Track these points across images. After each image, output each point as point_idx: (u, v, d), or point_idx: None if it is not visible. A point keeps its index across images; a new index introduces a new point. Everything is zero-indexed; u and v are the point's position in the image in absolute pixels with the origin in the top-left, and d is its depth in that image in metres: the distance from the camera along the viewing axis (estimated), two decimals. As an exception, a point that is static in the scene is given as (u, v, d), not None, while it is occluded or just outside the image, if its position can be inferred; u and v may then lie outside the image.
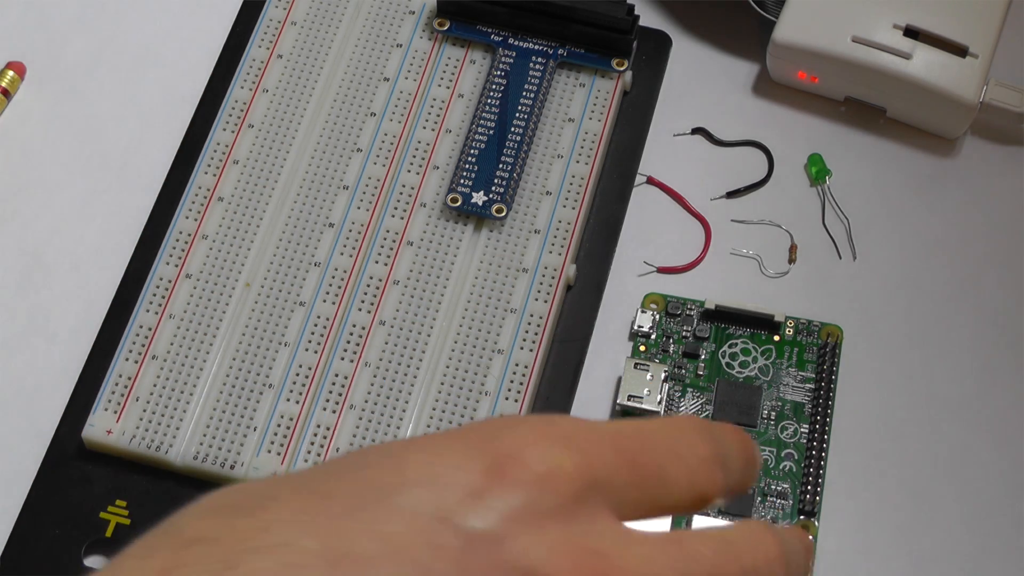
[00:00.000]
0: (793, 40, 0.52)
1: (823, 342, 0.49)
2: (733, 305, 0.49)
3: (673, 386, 0.48)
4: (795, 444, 0.48)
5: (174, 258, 0.50)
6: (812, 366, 0.49)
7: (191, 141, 0.53)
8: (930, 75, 0.51)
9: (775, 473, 0.47)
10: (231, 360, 0.48)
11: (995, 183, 0.53)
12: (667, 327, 0.49)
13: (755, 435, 0.47)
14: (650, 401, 0.47)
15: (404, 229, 0.50)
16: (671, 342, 0.49)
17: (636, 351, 0.49)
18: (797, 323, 0.49)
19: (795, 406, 0.48)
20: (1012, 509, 0.47)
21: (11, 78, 0.54)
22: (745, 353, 0.49)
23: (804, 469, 0.47)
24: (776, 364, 0.49)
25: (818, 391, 0.48)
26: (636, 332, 0.49)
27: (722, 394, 0.48)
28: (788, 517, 0.46)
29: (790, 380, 0.48)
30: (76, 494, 0.46)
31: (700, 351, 0.49)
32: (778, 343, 0.49)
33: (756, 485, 0.46)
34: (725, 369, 0.48)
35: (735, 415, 0.47)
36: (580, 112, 0.52)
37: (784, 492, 0.47)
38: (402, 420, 0.47)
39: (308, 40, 0.54)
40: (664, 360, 0.48)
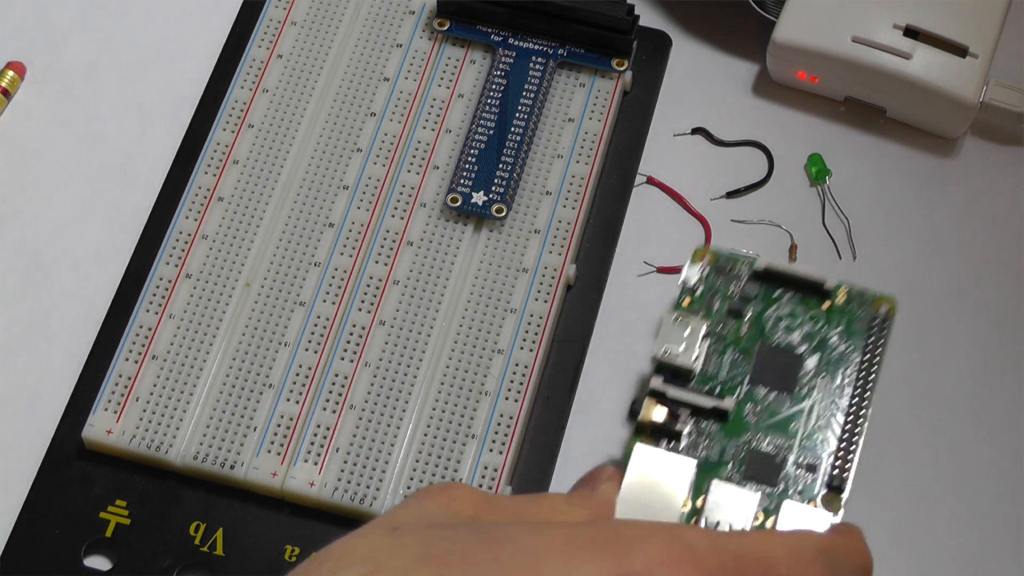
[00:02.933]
0: (793, 40, 0.52)
1: (874, 314, 0.46)
2: (784, 268, 0.47)
3: (714, 343, 0.46)
4: (832, 416, 0.45)
5: (174, 258, 0.50)
6: (860, 337, 0.46)
7: (191, 141, 0.53)
8: (930, 75, 0.52)
9: (807, 444, 0.45)
10: (231, 360, 0.48)
11: (995, 183, 0.53)
12: (714, 283, 0.47)
13: (791, 401, 0.46)
14: (685, 357, 0.45)
15: (404, 229, 0.50)
16: (717, 298, 0.47)
17: (679, 305, 0.47)
18: (850, 290, 0.47)
19: (837, 375, 0.46)
20: (1012, 509, 0.47)
21: (11, 78, 0.54)
22: (792, 316, 0.47)
23: (839, 442, 0.45)
24: (822, 332, 0.47)
25: (863, 364, 0.46)
26: (683, 286, 0.47)
27: (763, 358, 0.46)
28: (815, 491, 0.44)
29: (835, 350, 0.46)
30: (76, 494, 0.46)
31: (745, 310, 0.46)
32: (828, 310, 0.47)
33: (787, 454, 0.44)
34: (768, 332, 0.46)
35: (773, 380, 0.45)
36: (580, 112, 0.52)
37: (814, 465, 0.45)
38: (402, 420, 0.47)
39: (308, 40, 0.54)
40: (709, 315, 0.46)
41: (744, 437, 0.44)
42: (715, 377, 0.45)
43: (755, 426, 0.45)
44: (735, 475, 0.44)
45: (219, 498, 0.46)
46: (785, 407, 0.45)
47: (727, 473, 0.44)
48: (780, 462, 0.45)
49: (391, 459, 0.46)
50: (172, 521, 0.46)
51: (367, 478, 0.46)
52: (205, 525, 0.46)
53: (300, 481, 0.46)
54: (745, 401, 0.45)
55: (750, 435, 0.45)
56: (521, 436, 0.47)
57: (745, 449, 0.44)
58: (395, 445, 0.46)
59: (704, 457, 0.44)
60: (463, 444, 0.46)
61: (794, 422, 0.45)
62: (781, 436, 0.44)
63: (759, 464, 0.44)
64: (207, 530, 0.46)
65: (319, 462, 0.46)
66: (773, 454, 0.44)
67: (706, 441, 0.44)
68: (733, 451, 0.44)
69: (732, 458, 0.44)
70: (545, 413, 0.48)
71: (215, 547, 0.46)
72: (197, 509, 0.46)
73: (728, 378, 0.45)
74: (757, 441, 0.44)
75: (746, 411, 0.45)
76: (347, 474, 0.46)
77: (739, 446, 0.44)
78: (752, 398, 0.45)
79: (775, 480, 0.45)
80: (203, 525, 0.46)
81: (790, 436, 0.44)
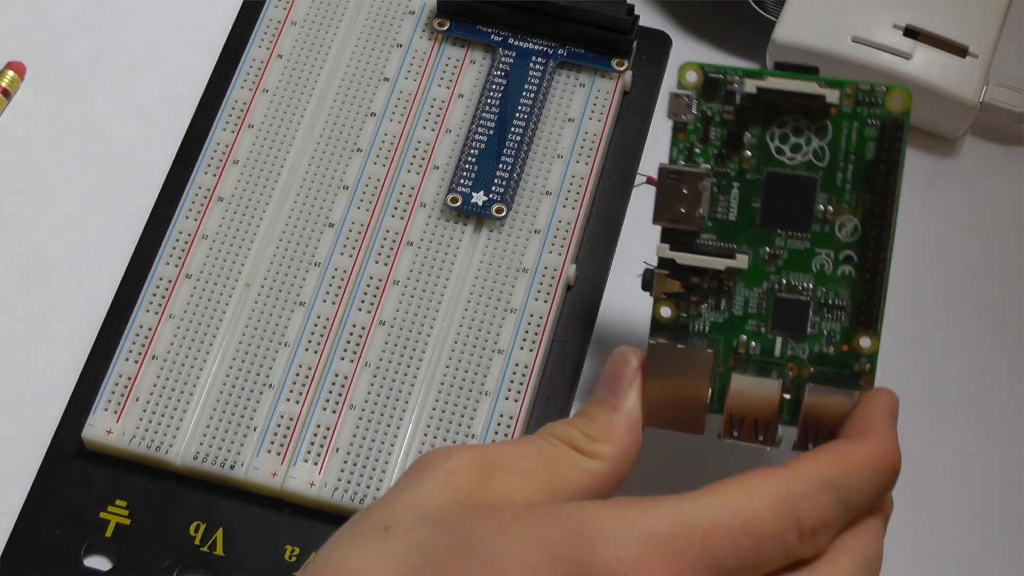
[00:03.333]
0: (793, 40, 0.52)
1: (886, 113, 0.41)
2: (779, 86, 0.41)
3: (717, 185, 0.42)
4: (854, 244, 0.42)
5: (174, 258, 0.50)
6: (873, 144, 0.41)
7: (191, 141, 0.53)
8: (930, 75, 0.52)
9: (832, 280, 0.42)
10: (231, 360, 0.48)
11: (995, 183, 0.53)
12: (707, 108, 0.42)
13: (808, 234, 0.42)
14: (688, 220, 0.41)
15: (404, 229, 0.50)
16: (712, 126, 0.42)
17: (675, 140, 0.43)
18: (857, 90, 0.41)
19: (854, 197, 0.42)
20: (1013, 510, 0.47)
21: (11, 78, 0.54)
22: (796, 133, 0.42)
23: (863, 274, 0.42)
24: (834, 146, 0.42)
25: (881, 175, 0.42)
26: (673, 117, 0.42)
27: (772, 188, 0.42)
28: (847, 332, 0.42)
29: (848, 165, 0.42)
30: (76, 494, 0.46)
31: (745, 135, 0.42)
32: (835, 117, 0.42)
33: (812, 297, 0.42)
34: (775, 155, 0.42)
35: (787, 212, 0.42)
36: (580, 112, 0.52)
37: (843, 305, 0.42)
38: (402, 420, 0.47)
39: (308, 40, 0.54)
40: (705, 152, 0.42)
41: (765, 284, 0.42)
42: (724, 222, 0.42)
43: (776, 271, 0.42)
44: (761, 328, 0.42)
45: (219, 498, 0.46)
46: (802, 242, 0.42)
47: (753, 327, 0.42)
48: (806, 305, 0.42)
49: (391, 459, 0.46)
50: (172, 521, 0.46)
51: (367, 478, 0.46)
52: (205, 525, 0.46)
53: (300, 481, 0.46)
54: (760, 244, 0.42)
55: (771, 281, 0.42)
56: (522, 436, 0.47)
57: (768, 298, 0.42)
58: (395, 445, 0.46)
59: (728, 315, 0.42)
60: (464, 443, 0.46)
61: (815, 257, 0.42)
62: (803, 276, 0.42)
63: (784, 311, 0.42)
64: (207, 530, 0.46)
65: (319, 462, 0.46)
66: (797, 298, 0.42)
67: (725, 298, 0.42)
68: (755, 301, 0.42)
69: (756, 309, 0.42)
70: (545, 413, 0.48)
71: (215, 547, 0.46)
72: (197, 509, 0.46)
73: (738, 221, 0.42)
74: (779, 286, 0.42)
75: (763, 254, 0.42)
76: (347, 474, 0.46)
77: (761, 295, 0.42)
78: (767, 239, 0.42)
79: (804, 327, 0.42)
80: (203, 525, 0.46)
81: (812, 274, 0.42)
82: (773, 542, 0.36)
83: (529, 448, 0.39)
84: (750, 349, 0.43)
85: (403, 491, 0.37)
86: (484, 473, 0.37)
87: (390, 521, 0.36)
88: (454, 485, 0.37)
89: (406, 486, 0.37)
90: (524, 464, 0.38)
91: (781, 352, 0.43)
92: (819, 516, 0.37)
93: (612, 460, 0.39)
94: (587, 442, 0.39)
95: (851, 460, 0.38)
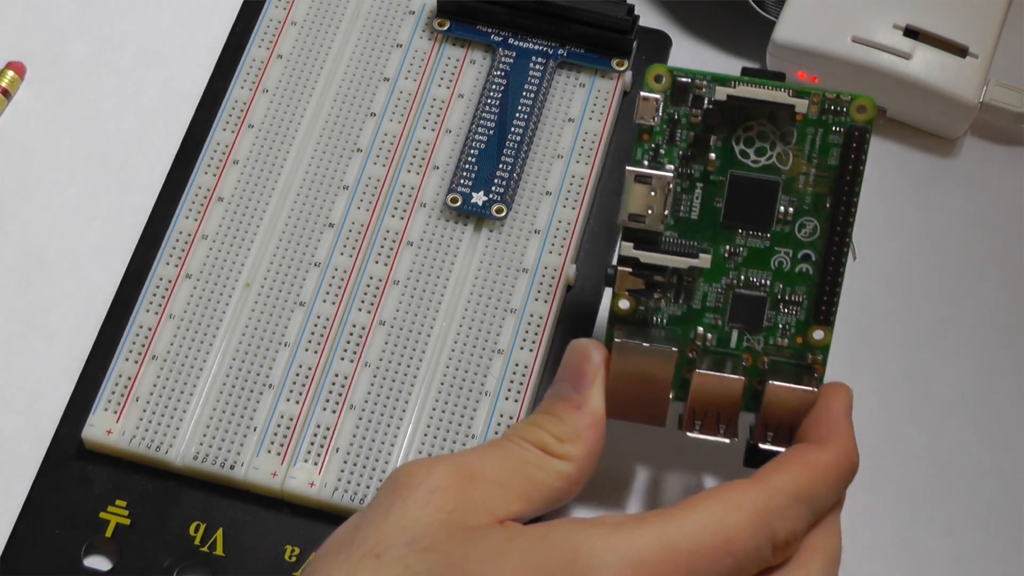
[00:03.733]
0: (793, 40, 0.52)
1: (852, 121, 0.43)
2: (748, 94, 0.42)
3: (681, 185, 0.43)
4: (813, 244, 0.43)
5: (174, 258, 0.50)
6: (837, 150, 0.43)
7: (191, 141, 0.53)
8: (930, 75, 0.52)
9: (790, 277, 0.43)
10: (231, 360, 0.48)
11: (995, 183, 0.53)
12: (674, 112, 0.43)
13: (768, 233, 0.43)
14: (653, 220, 0.42)
15: (404, 229, 0.50)
16: (679, 129, 0.43)
17: (640, 147, 0.43)
18: (823, 99, 0.43)
19: (815, 199, 0.43)
20: (1012, 509, 0.47)
21: (11, 78, 0.54)
22: (762, 138, 0.43)
23: (822, 271, 0.43)
24: (797, 151, 0.43)
25: (843, 180, 0.43)
26: (640, 120, 0.43)
27: (736, 190, 0.43)
28: (802, 326, 0.44)
29: (812, 169, 0.43)
30: (76, 494, 0.46)
31: (711, 138, 0.43)
32: (800, 124, 0.43)
33: (769, 292, 0.43)
34: (739, 158, 0.43)
35: (749, 212, 0.43)
36: (580, 112, 0.52)
37: (799, 300, 0.43)
38: (402, 420, 0.47)
39: (308, 40, 0.54)
40: (670, 153, 0.43)
41: (724, 280, 0.43)
42: (687, 221, 0.43)
43: (735, 267, 0.43)
44: (719, 321, 0.44)
45: (219, 498, 0.46)
46: (763, 241, 0.43)
47: (711, 319, 0.44)
48: (763, 300, 0.44)
49: (391, 459, 0.46)
50: (172, 521, 0.46)
51: (367, 478, 0.46)
52: (205, 525, 0.46)
53: (300, 481, 0.46)
54: (721, 242, 0.43)
55: (730, 277, 0.43)
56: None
57: (727, 293, 0.43)
58: (395, 445, 0.46)
59: (686, 308, 0.44)
60: (463, 444, 0.46)
61: (774, 255, 0.43)
62: (762, 273, 0.43)
63: (742, 306, 0.43)
64: (207, 530, 0.46)
65: (319, 462, 0.46)
66: (755, 294, 0.43)
67: (684, 293, 0.44)
68: (714, 296, 0.44)
69: (715, 303, 0.44)
70: (545, 413, 0.48)
71: (215, 547, 0.46)
72: (197, 509, 0.46)
73: (700, 219, 0.43)
74: (738, 282, 0.44)
75: (724, 251, 0.43)
76: (347, 474, 0.46)
77: (720, 291, 0.43)
78: (727, 237, 0.43)
79: (760, 320, 0.44)
80: (203, 525, 0.46)
81: (771, 271, 0.43)
82: (750, 557, 0.38)
83: (502, 454, 0.40)
84: (707, 341, 0.44)
85: (388, 512, 0.37)
86: (464, 486, 0.38)
87: (380, 548, 0.36)
88: (438, 504, 0.37)
89: (390, 507, 0.38)
90: (500, 472, 0.39)
91: (737, 344, 0.44)
92: (792, 529, 0.38)
93: (581, 460, 0.41)
94: (556, 444, 0.41)
95: (818, 469, 0.40)
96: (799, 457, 0.40)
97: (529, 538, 0.37)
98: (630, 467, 0.47)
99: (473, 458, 0.39)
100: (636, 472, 0.47)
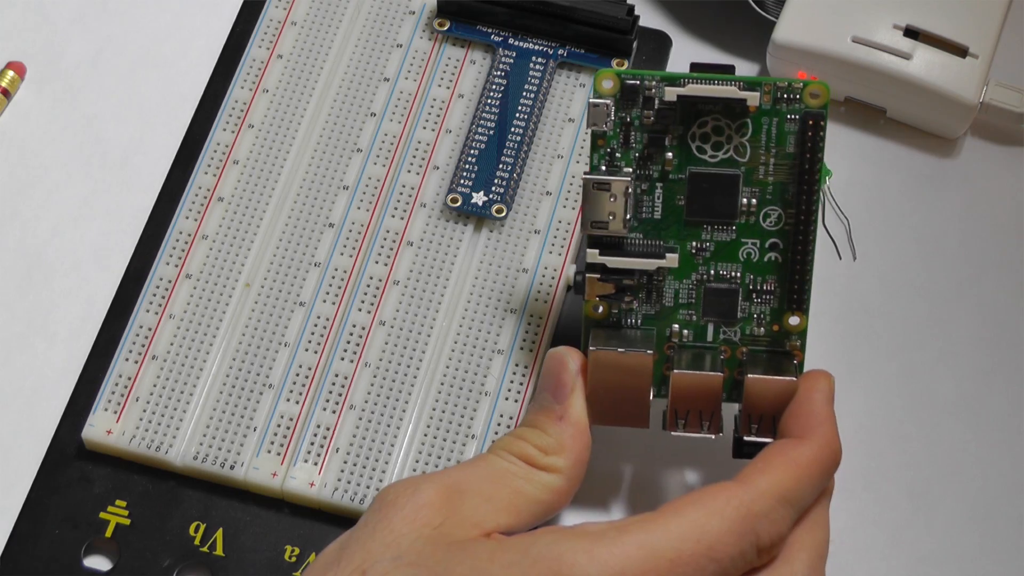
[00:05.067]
0: (793, 40, 0.52)
1: (806, 107, 0.42)
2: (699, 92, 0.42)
3: (640, 187, 0.43)
4: (779, 232, 0.43)
5: (174, 258, 0.50)
6: (794, 137, 0.43)
7: (191, 141, 0.53)
8: (930, 75, 0.52)
9: (760, 268, 0.44)
10: (231, 360, 0.48)
11: (995, 183, 0.53)
12: (625, 115, 0.43)
13: (733, 225, 0.43)
14: (616, 225, 0.42)
15: (404, 229, 0.50)
16: (633, 131, 0.43)
17: (595, 155, 0.43)
18: (775, 87, 0.42)
19: (777, 188, 0.43)
20: (1013, 510, 0.47)
21: (11, 78, 0.54)
22: (717, 132, 0.43)
23: (791, 259, 0.43)
24: (754, 142, 0.43)
25: (803, 166, 0.42)
26: (592, 126, 0.43)
27: (696, 185, 0.43)
28: (776, 314, 0.44)
29: (770, 157, 0.43)
30: (76, 494, 0.46)
31: (665, 137, 0.43)
32: (754, 115, 0.43)
33: (741, 284, 0.43)
34: (696, 155, 0.43)
35: (711, 206, 0.43)
36: (580, 112, 0.52)
37: (771, 289, 0.44)
38: (402, 420, 0.47)
39: (308, 40, 0.54)
40: (626, 156, 0.43)
41: (694, 276, 0.44)
42: (651, 220, 0.43)
43: (704, 262, 0.44)
44: (693, 316, 0.44)
45: (219, 498, 0.46)
46: (728, 233, 0.43)
47: (684, 316, 0.44)
48: (735, 292, 0.44)
49: (391, 459, 0.46)
50: (172, 521, 0.46)
51: (367, 478, 0.46)
52: (205, 525, 0.46)
53: (300, 481, 0.46)
54: (687, 239, 0.43)
55: (700, 272, 0.44)
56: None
57: (698, 288, 0.44)
58: (395, 445, 0.46)
59: (660, 307, 0.44)
60: (463, 444, 0.46)
61: (741, 247, 0.43)
62: (731, 265, 0.44)
63: (714, 299, 0.44)
64: (207, 530, 0.46)
65: (319, 462, 0.46)
66: (726, 286, 0.44)
67: (655, 293, 0.44)
68: (686, 292, 0.44)
69: (687, 299, 0.44)
70: (545, 413, 0.48)
71: (215, 547, 0.46)
72: (197, 509, 0.46)
73: (664, 218, 0.43)
74: (708, 276, 0.44)
75: (690, 248, 0.43)
76: (347, 474, 0.46)
77: (691, 286, 0.44)
78: (693, 234, 0.43)
79: (734, 312, 0.44)
80: (203, 525, 0.46)
81: (740, 263, 0.43)
82: (734, 562, 0.38)
83: (489, 469, 0.40)
84: (683, 337, 0.44)
85: (375, 530, 0.38)
86: (450, 502, 0.38)
87: (366, 564, 0.37)
88: (424, 520, 0.38)
89: (377, 525, 0.38)
90: (486, 487, 0.39)
91: (714, 337, 0.44)
92: (777, 532, 0.39)
93: (567, 471, 0.41)
94: (541, 456, 0.41)
95: (801, 467, 0.40)
96: (781, 455, 0.40)
97: (512, 550, 0.37)
98: (618, 466, 0.47)
99: (459, 474, 0.39)
100: (624, 471, 0.47)
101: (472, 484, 0.39)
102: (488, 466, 0.40)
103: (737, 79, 0.42)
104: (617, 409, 0.43)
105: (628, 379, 0.43)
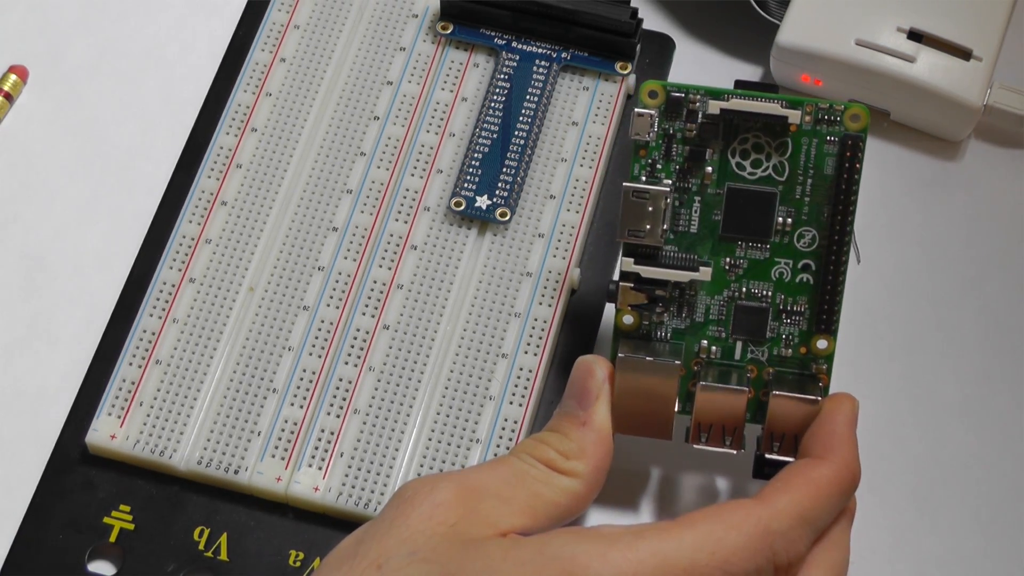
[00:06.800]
0: (797, 43, 0.52)
1: (845, 130, 0.43)
2: (741, 106, 0.43)
3: (679, 199, 0.43)
4: (812, 253, 0.44)
5: (177, 262, 0.50)
6: (832, 160, 0.43)
7: (194, 145, 0.53)
8: (934, 78, 0.51)
9: (791, 288, 0.44)
10: (235, 365, 0.48)
11: (999, 186, 0.53)
12: (668, 127, 0.43)
13: (768, 244, 0.43)
14: (652, 236, 0.43)
15: (408, 233, 0.50)
16: (675, 144, 0.43)
17: (636, 163, 0.44)
18: (816, 108, 0.43)
19: (813, 209, 0.43)
20: (1017, 512, 0.47)
21: (14, 82, 0.54)
22: (757, 150, 0.43)
23: (822, 281, 0.43)
24: (793, 161, 0.43)
25: (840, 189, 0.43)
26: (636, 137, 0.43)
27: (733, 201, 0.43)
28: (805, 336, 0.44)
29: (808, 179, 0.43)
30: (80, 499, 0.46)
31: (707, 151, 0.43)
32: (795, 134, 0.43)
33: (771, 303, 0.44)
34: (735, 171, 0.43)
35: (747, 224, 0.43)
36: (584, 115, 0.52)
37: (801, 311, 0.44)
38: (406, 425, 0.47)
39: (311, 44, 0.54)
40: (667, 168, 0.43)
41: (726, 292, 0.44)
42: (686, 234, 0.43)
43: (736, 279, 0.44)
44: (722, 333, 0.44)
45: (223, 503, 0.46)
46: (762, 251, 0.44)
47: (714, 332, 0.44)
48: (765, 311, 0.44)
49: (395, 464, 0.46)
50: (176, 526, 0.46)
51: (371, 483, 0.46)
52: (209, 530, 0.46)
53: (304, 486, 0.46)
54: (721, 254, 0.44)
55: (731, 289, 0.44)
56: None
57: (728, 305, 0.44)
58: (399, 450, 0.46)
59: (690, 321, 0.44)
60: (468, 448, 0.46)
61: (774, 266, 0.44)
62: (763, 283, 0.44)
63: (744, 317, 0.44)
64: (211, 535, 0.46)
65: (323, 467, 0.46)
66: (757, 305, 0.44)
67: (687, 306, 0.44)
68: (717, 308, 0.44)
69: (717, 316, 0.44)
70: (549, 417, 0.48)
71: (219, 552, 0.46)
72: (201, 514, 0.46)
73: (699, 232, 0.43)
74: (739, 294, 0.44)
75: (724, 263, 0.44)
76: (351, 479, 0.46)
77: (722, 303, 0.44)
78: (727, 249, 0.44)
79: (763, 331, 0.44)
80: (207, 530, 0.46)
81: (772, 282, 0.44)
82: None
83: (508, 471, 0.40)
84: (711, 353, 0.44)
85: (391, 526, 0.38)
86: (468, 502, 0.38)
87: (381, 559, 0.37)
88: (440, 518, 0.38)
89: (394, 520, 0.38)
90: (504, 489, 0.39)
91: (741, 355, 0.44)
92: (795, 551, 0.39)
93: (587, 476, 0.41)
94: (562, 460, 0.41)
95: (821, 487, 0.40)
96: (801, 475, 0.40)
97: (526, 549, 0.37)
98: (639, 474, 0.47)
99: (478, 474, 0.40)
100: (645, 476, 0.47)
101: (490, 484, 0.39)
102: (508, 468, 0.40)
103: (780, 98, 0.43)
104: (641, 419, 0.43)
105: (654, 389, 0.43)
